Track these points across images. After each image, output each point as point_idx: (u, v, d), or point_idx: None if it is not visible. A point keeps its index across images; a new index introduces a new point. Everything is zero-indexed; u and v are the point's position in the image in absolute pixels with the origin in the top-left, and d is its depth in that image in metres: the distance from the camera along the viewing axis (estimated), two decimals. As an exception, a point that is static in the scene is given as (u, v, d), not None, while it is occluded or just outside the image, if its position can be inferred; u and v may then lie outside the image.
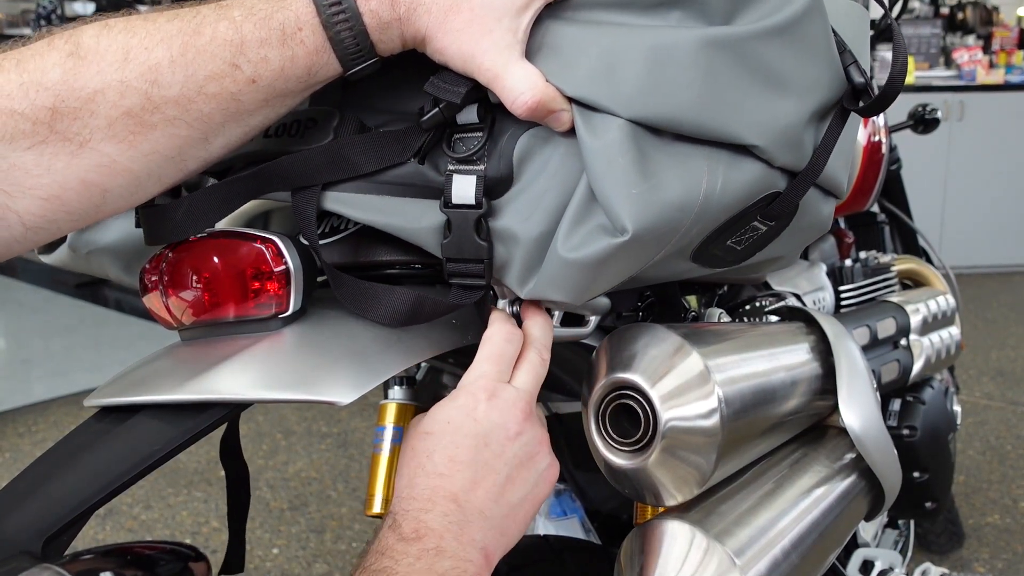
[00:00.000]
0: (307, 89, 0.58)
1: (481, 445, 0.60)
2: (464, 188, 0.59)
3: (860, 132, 1.37)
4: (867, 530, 1.30)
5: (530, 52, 0.57)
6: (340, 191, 0.62)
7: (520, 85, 0.55)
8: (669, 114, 0.56)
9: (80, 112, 0.53)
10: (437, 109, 0.58)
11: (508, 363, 0.63)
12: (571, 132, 0.57)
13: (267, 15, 0.54)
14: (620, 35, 0.56)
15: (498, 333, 0.64)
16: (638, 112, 0.55)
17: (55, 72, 0.53)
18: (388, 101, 0.63)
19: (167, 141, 0.55)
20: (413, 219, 0.61)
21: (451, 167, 0.59)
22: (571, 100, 0.56)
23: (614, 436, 0.70)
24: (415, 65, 0.59)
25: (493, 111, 0.59)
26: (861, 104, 0.65)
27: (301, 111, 0.64)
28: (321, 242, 0.67)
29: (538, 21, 0.57)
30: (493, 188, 0.59)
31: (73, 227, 0.58)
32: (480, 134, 0.59)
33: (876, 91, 0.65)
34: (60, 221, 0.56)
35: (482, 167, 0.59)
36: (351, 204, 0.62)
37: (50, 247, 0.79)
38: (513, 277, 0.61)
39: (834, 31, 0.65)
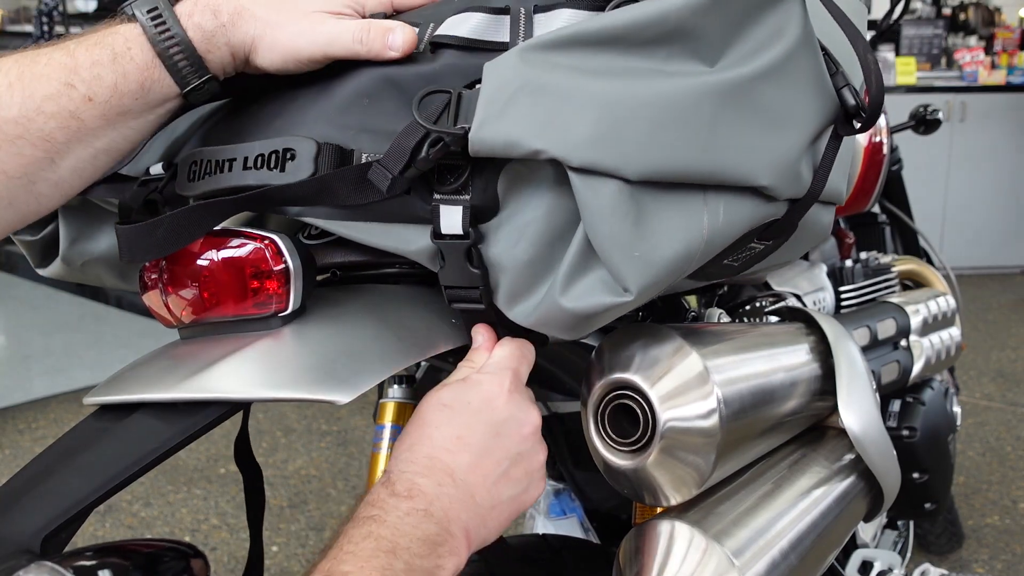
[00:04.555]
0: (146, 108, 0.60)
1: (493, 434, 0.60)
2: (451, 219, 0.58)
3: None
4: (866, 531, 1.30)
5: (515, 93, 0.54)
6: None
7: (356, 34, 0.59)
8: (679, 168, 0.55)
9: None
10: (427, 154, 0.56)
11: (526, 369, 0.66)
12: (554, 162, 0.55)
13: (98, 40, 0.59)
14: (616, 91, 0.54)
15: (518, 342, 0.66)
16: (646, 170, 0.54)
17: None
18: (359, 117, 0.61)
19: (11, 160, 0.57)
20: (404, 242, 0.61)
21: (437, 197, 0.59)
22: (576, 169, 0.54)
23: (613, 436, 0.70)
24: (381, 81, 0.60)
25: None
26: (856, 125, 0.64)
27: (276, 140, 0.61)
28: (315, 243, 0.67)
29: (521, 60, 0.54)
30: (479, 215, 0.59)
31: None
32: (465, 163, 0.58)
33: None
34: None
35: (467, 197, 0.58)
36: (341, 224, 0.62)
37: (44, 261, 0.77)
38: (500, 300, 0.61)
39: (827, 51, 0.63)
